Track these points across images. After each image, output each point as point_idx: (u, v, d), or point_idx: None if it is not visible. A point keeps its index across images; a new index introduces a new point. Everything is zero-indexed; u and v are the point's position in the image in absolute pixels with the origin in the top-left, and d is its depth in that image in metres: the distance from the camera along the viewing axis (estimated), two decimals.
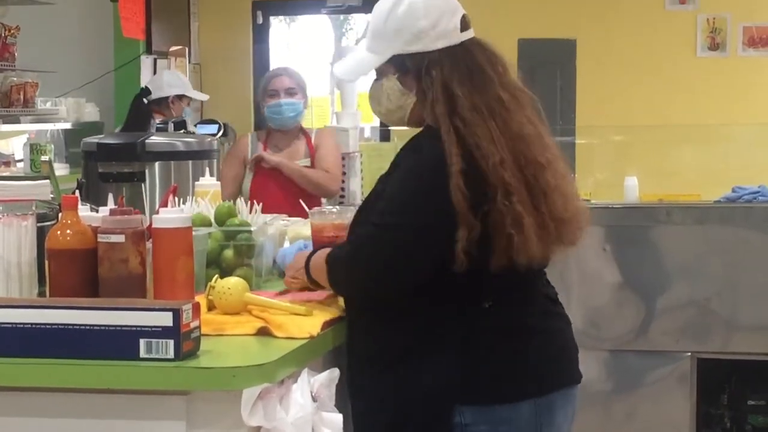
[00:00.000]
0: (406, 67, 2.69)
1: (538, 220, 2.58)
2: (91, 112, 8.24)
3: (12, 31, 6.96)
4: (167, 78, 6.74)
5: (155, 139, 4.24)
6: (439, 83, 2.63)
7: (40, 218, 2.84)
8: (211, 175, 3.79)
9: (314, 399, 2.46)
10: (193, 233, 2.74)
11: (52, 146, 7.66)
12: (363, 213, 2.75)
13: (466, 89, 2.62)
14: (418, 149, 2.67)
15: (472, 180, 2.53)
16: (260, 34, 9.41)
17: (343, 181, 5.84)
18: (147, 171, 4.09)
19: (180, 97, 6.52)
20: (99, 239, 2.58)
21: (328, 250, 2.77)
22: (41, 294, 2.75)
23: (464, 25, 2.71)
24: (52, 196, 3.16)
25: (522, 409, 2.62)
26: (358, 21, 15.31)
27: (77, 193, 3.69)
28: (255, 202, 3.34)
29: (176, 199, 2.97)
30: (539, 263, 2.67)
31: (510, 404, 2.62)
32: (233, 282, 2.77)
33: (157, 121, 6.05)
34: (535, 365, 2.65)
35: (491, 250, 2.54)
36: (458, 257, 2.52)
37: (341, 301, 2.86)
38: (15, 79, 7.15)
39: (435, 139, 2.60)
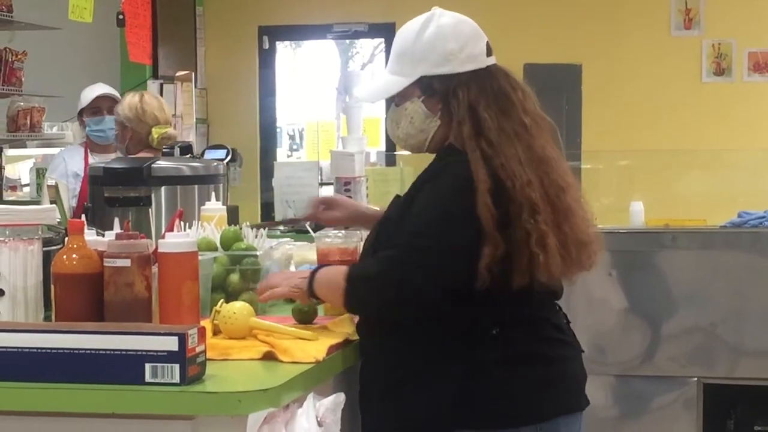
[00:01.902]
0: (432, 89, 2.72)
1: (560, 240, 2.61)
2: None
3: (19, 56, 6.98)
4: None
5: (161, 164, 4.25)
6: (465, 105, 2.67)
7: (46, 243, 2.85)
8: (217, 199, 3.79)
9: (320, 424, 2.46)
10: (199, 258, 2.74)
11: None
12: (381, 235, 2.76)
13: (492, 112, 2.66)
14: (446, 172, 2.67)
15: (499, 199, 2.57)
16: (266, 59, 9.43)
17: None
18: (153, 195, 4.09)
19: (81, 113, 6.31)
20: (105, 264, 2.59)
21: (340, 268, 2.76)
22: (47, 318, 2.75)
23: (488, 50, 2.76)
24: (58, 220, 3.16)
25: None
26: (365, 46, 15.33)
27: (83, 217, 3.69)
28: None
29: (182, 223, 2.97)
30: (556, 284, 2.72)
31: (510, 429, 2.64)
32: (238, 306, 2.77)
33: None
34: (537, 391, 2.66)
35: (511, 268, 2.57)
36: (481, 275, 2.55)
37: (347, 326, 2.86)
38: (22, 103, 7.17)
39: (461, 161, 2.63)
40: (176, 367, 2.24)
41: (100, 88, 6.17)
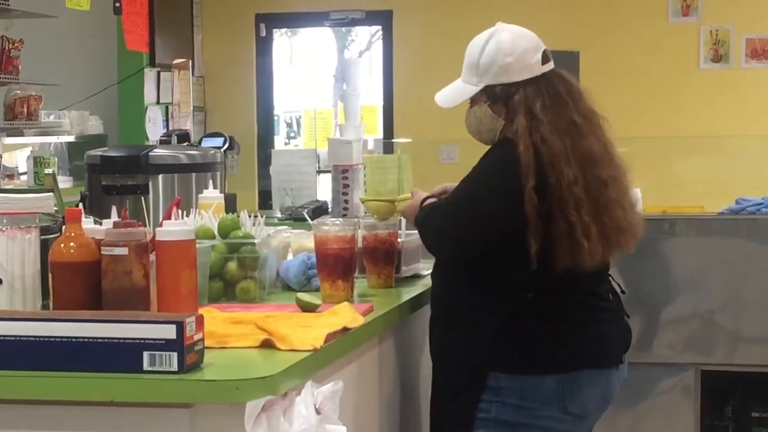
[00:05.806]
0: (495, 96, 3.16)
1: (601, 230, 3.03)
2: (94, 125, 8.25)
3: (16, 44, 6.98)
4: None
5: (159, 152, 4.24)
6: (522, 106, 3.08)
7: (44, 231, 2.84)
8: (215, 187, 3.79)
9: (318, 411, 2.46)
10: (197, 246, 2.74)
11: (56, 159, 7.67)
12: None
13: (546, 112, 3.07)
14: (493, 152, 3.16)
15: (542, 194, 2.98)
16: (263, 46, 9.42)
17: (346, 194, 5.83)
18: (150, 183, 4.09)
19: None
20: (102, 252, 2.58)
21: (434, 203, 3.28)
22: (45, 307, 2.75)
23: (545, 58, 3.17)
24: (55, 208, 3.16)
25: (546, 382, 3.07)
26: (361, 33, 15.32)
27: (81, 205, 3.69)
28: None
29: (180, 211, 2.97)
30: (598, 266, 3.10)
31: (536, 376, 3.07)
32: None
33: None
34: (563, 345, 3.09)
35: (554, 253, 2.99)
36: (533, 259, 2.98)
37: (346, 313, 2.86)
38: (19, 92, 7.17)
39: (508, 145, 3.06)
40: (174, 355, 2.25)
41: None
